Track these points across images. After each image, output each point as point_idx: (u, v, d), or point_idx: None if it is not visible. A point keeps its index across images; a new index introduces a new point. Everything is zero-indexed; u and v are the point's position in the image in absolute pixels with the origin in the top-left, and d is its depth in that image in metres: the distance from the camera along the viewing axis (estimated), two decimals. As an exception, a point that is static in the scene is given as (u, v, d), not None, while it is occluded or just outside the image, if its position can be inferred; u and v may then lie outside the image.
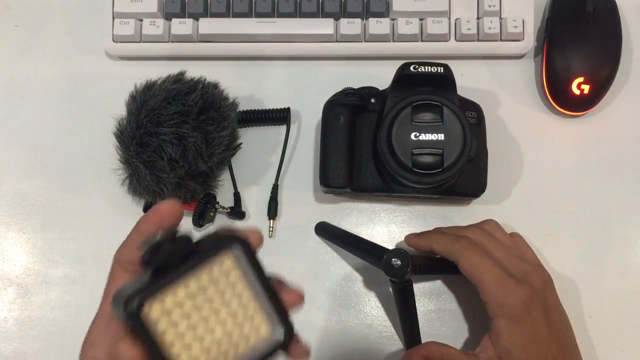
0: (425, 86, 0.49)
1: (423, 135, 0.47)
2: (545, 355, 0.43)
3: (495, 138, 0.54)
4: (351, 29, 0.56)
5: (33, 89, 0.59)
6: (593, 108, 0.55)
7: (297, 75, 0.58)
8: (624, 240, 0.54)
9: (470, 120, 0.51)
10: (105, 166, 0.55)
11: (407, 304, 0.49)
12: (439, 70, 0.48)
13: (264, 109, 0.56)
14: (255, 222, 0.55)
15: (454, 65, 0.49)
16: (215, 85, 0.52)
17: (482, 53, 0.57)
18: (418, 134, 0.47)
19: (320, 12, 0.57)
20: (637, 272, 0.54)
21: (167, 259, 0.28)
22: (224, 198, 0.55)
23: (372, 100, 0.52)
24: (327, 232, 0.54)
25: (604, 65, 0.55)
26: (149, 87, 0.50)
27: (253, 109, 0.56)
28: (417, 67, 0.48)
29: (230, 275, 0.30)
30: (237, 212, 0.54)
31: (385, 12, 0.56)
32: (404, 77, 0.49)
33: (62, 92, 0.59)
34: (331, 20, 0.56)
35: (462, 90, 0.50)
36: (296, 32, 0.56)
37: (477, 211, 0.55)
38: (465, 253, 0.45)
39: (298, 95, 0.58)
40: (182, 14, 0.57)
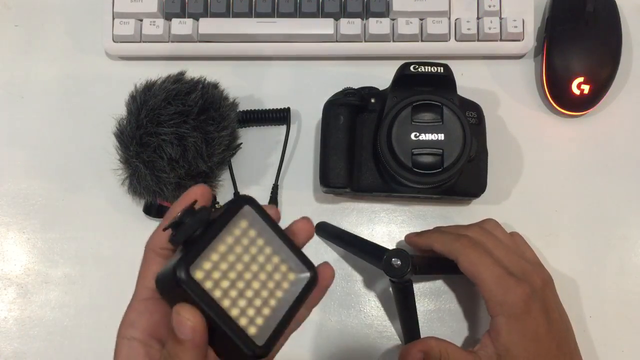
0: (425, 86, 0.49)
1: (423, 135, 0.47)
2: (544, 354, 0.43)
3: (495, 138, 0.54)
4: (351, 29, 0.56)
5: (33, 89, 0.59)
6: (593, 108, 0.56)
7: (297, 75, 0.58)
8: (624, 240, 0.54)
9: (470, 120, 0.51)
10: (105, 166, 0.55)
11: (407, 304, 0.49)
12: (439, 70, 0.48)
13: (264, 109, 0.56)
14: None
15: (454, 65, 0.49)
16: (215, 85, 0.52)
17: (482, 53, 0.57)
18: (418, 134, 0.47)
19: (320, 12, 0.57)
20: (637, 272, 0.54)
21: (191, 230, 0.30)
22: (224, 198, 0.55)
23: (372, 100, 0.52)
24: (327, 232, 0.54)
25: (604, 65, 0.55)
26: (149, 87, 0.50)
27: (253, 109, 0.56)
28: (417, 67, 0.48)
29: (249, 233, 0.33)
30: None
31: (385, 12, 0.56)
32: (404, 77, 0.49)
33: (62, 92, 0.58)
34: (331, 20, 0.56)
35: (462, 90, 0.50)
36: (296, 32, 0.56)
37: (477, 211, 0.55)
38: (465, 251, 0.45)
39: (298, 95, 0.58)
40: (182, 14, 0.57)
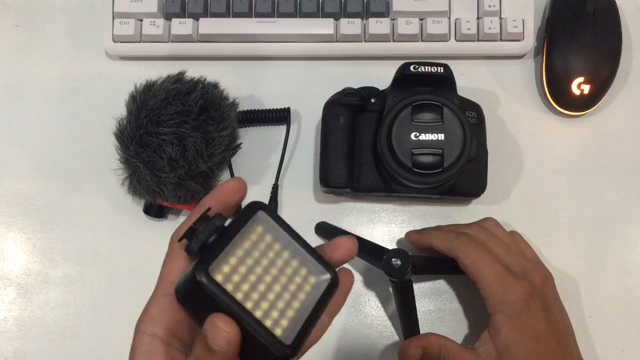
0: (425, 86, 0.49)
1: (423, 135, 0.47)
2: (544, 351, 0.43)
3: (495, 138, 0.54)
4: (351, 29, 0.56)
5: (33, 89, 0.59)
6: (593, 108, 0.55)
7: (297, 75, 0.58)
8: (624, 240, 0.54)
9: (470, 120, 0.51)
10: (105, 166, 0.55)
11: (407, 304, 0.49)
12: (439, 70, 0.48)
13: (264, 109, 0.56)
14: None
15: (454, 65, 0.49)
16: (215, 85, 0.52)
17: (482, 53, 0.57)
18: (418, 134, 0.47)
19: (320, 12, 0.57)
20: (637, 272, 0.54)
21: (206, 237, 0.30)
22: (224, 198, 0.55)
23: (372, 100, 0.52)
24: (327, 232, 0.54)
25: (604, 65, 0.55)
26: (149, 87, 0.50)
27: (253, 109, 0.56)
28: (417, 67, 0.48)
29: (265, 238, 0.32)
30: (237, 212, 0.54)
31: (385, 12, 0.56)
32: (404, 77, 0.49)
33: (62, 92, 0.58)
34: (331, 20, 0.56)
35: (462, 90, 0.50)
36: (296, 32, 0.56)
37: (477, 211, 0.55)
38: (465, 249, 0.45)
39: (298, 95, 0.58)
40: (182, 14, 0.57)
